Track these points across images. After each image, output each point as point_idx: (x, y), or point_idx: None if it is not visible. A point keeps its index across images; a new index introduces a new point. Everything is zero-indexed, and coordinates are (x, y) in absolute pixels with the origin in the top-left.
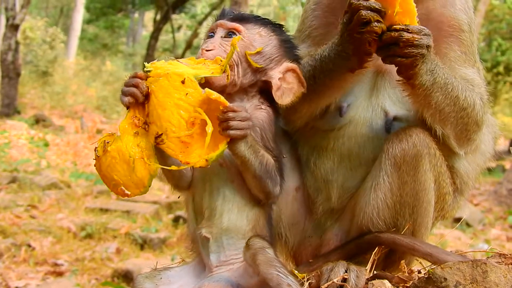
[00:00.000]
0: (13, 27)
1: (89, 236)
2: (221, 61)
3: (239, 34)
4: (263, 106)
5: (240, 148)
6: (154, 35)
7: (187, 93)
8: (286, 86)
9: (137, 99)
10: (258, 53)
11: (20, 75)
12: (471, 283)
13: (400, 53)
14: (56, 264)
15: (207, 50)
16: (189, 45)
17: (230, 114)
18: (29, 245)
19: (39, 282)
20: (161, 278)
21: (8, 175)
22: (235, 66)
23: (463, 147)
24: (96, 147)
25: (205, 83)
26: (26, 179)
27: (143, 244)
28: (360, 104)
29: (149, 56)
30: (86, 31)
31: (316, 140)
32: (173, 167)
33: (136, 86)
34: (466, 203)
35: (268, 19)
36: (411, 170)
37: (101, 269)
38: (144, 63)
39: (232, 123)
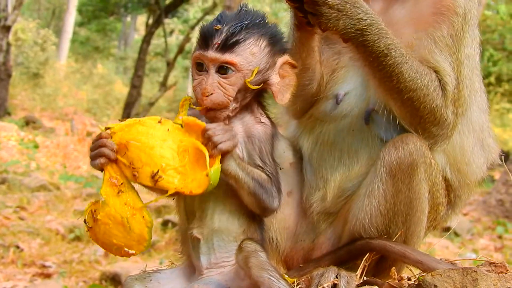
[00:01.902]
0: (4, 29)
1: (77, 238)
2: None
3: (234, 67)
4: (262, 119)
5: (231, 165)
6: (146, 39)
7: (168, 129)
8: (283, 83)
9: (109, 157)
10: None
11: (11, 77)
12: None
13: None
14: (44, 266)
15: (206, 96)
16: (181, 50)
17: (209, 132)
18: (17, 247)
19: (26, 283)
20: (150, 280)
21: None
22: (236, 97)
23: (422, 137)
24: (85, 219)
25: (210, 110)
26: (15, 181)
27: None
28: (356, 93)
29: (140, 60)
30: (78, 33)
31: (317, 132)
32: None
33: (103, 145)
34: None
35: (253, 20)
36: (406, 179)
37: (89, 272)
38: (102, 126)
39: (216, 138)
